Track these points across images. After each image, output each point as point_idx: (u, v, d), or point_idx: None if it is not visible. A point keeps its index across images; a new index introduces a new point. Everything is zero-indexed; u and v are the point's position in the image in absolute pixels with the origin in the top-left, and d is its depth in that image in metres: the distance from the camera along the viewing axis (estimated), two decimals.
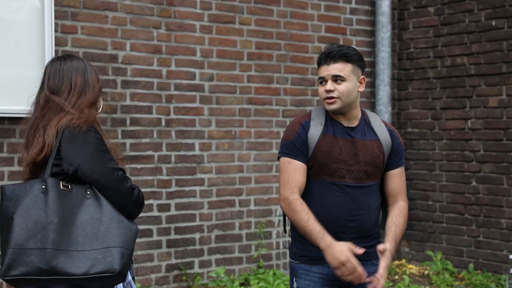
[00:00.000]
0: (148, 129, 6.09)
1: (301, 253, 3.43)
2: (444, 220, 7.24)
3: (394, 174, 3.50)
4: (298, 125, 3.42)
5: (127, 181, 2.91)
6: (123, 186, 2.88)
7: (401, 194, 3.51)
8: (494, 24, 6.85)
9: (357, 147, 3.40)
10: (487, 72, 6.90)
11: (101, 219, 2.81)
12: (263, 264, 6.61)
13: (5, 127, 5.41)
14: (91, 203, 2.83)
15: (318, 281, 3.39)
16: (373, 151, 3.42)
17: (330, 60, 3.35)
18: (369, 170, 3.41)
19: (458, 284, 6.74)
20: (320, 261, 3.35)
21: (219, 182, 6.46)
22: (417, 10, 7.46)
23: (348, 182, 3.37)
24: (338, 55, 3.34)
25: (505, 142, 6.79)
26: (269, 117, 6.74)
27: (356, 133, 3.43)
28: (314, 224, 3.28)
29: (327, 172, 3.37)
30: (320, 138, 3.37)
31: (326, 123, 3.42)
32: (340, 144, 3.38)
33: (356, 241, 3.36)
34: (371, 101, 7.43)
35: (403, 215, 3.48)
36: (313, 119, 3.43)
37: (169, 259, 6.20)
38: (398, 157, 3.50)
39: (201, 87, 6.36)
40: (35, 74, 5.48)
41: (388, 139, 3.47)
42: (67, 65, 3.06)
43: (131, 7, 6.00)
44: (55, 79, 3.05)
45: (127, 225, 2.84)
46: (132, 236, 2.84)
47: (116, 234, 2.80)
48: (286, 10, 6.84)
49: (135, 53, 6.01)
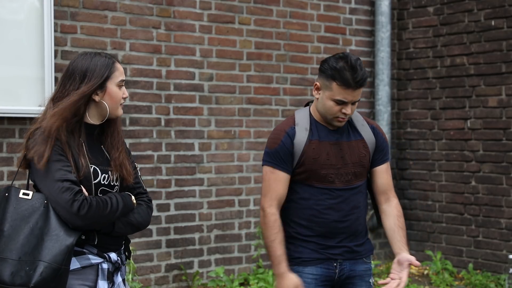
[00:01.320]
0: (147, 129, 6.09)
1: (293, 255, 3.42)
2: (444, 220, 7.25)
3: (380, 170, 3.49)
4: (282, 133, 3.37)
5: (69, 192, 2.82)
6: (62, 198, 2.82)
7: (391, 190, 3.52)
8: (493, 24, 6.85)
9: (344, 150, 3.39)
10: (487, 72, 6.90)
11: (43, 230, 2.82)
12: (262, 264, 6.61)
13: (4, 127, 5.41)
14: (42, 213, 2.84)
15: (311, 282, 3.39)
16: (360, 151, 3.42)
17: (358, 86, 3.27)
18: (357, 171, 3.41)
19: (457, 284, 6.74)
20: (313, 262, 3.38)
21: (218, 182, 6.46)
22: (417, 10, 7.47)
23: (338, 186, 3.37)
24: (366, 80, 3.29)
25: (504, 142, 6.79)
26: (268, 117, 6.74)
27: (341, 135, 3.41)
28: (278, 246, 3.31)
29: (317, 178, 3.36)
30: (306, 145, 3.35)
31: (311, 127, 3.39)
32: (327, 149, 3.37)
33: (346, 241, 3.40)
34: (370, 101, 7.43)
35: (401, 215, 3.50)
36: (297, 124, 3.39)
37: (168, 259, 6.20)
38: (383, 153, 3.49)
39: (200, 87, 6.36)
40: (35, 74, 5.49)
41: (371, 137, 3.47)
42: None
43: (131, 7, 6.00)
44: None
45: (61, 239, 2.82)
46: (63, 250, 2.80)
47: (47, 247, 2.80)
48: (286, 10, 6.84)
49: (135, 53, 6.02)
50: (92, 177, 2.94)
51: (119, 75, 3.02)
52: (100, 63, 2.98)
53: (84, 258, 2.92)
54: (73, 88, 2.94)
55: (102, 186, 2.98)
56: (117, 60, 3.06)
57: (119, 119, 3.11)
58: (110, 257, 2.99)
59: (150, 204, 3.15)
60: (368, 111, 7.41)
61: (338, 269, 3.41)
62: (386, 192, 3.51)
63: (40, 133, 2.89)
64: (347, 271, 3.42)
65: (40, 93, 5.38)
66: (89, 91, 2.94)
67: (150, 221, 3.15)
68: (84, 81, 2.94)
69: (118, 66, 3.03)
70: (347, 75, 3.24)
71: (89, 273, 2.94)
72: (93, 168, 2.95)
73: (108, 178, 3.00)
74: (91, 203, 2.86)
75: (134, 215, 3.05)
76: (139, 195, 3.13)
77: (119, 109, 3.04)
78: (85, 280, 2.93)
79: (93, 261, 2.94)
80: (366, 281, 3.48)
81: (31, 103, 5.33)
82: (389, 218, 3.49)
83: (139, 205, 3.09)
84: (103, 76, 2.96)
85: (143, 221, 3.08)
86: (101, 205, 2.89)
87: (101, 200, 2.91)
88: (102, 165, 2.99)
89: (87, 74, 2.95)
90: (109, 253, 3.00)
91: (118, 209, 2.95)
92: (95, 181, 2.95)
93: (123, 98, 3.04)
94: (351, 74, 3.24)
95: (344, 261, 3.41)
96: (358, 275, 3.45)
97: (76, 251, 2.89)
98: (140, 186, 3.15)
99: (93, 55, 3.01)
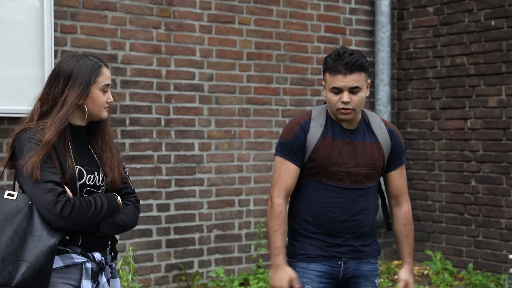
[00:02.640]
0: (147, 129, 6.09)
1: (298, 251, 3.44)
2: (444, 220, 7.25)
3: (395, 175, 3.50)
4: (297, 126, 3.40)
5: (52, 193, 2.82)
6: (45, 199, 2.82)
7: (403, 194, 3.53)
8: (493, 24, 6.85)
9: (357, 150, 3.39)
10: (487, 72, 6.90)
11: (27, 231, 2.82)
12: (262, 264, 6.61)
13: (4, 127, 5.41)
14: (26, 213, 2.84)
15: (315, 279, 3.40)
16: (373, 154, 3.42)
17: (347, 70, 3.28)
18: (369, 173, 3.41)
19: (457, 284, 6.74)
20: (317, 259, 3.39)
21: (218, 182, 6.46)
22: (417, 10, 7.47)
23: (347, 185, 3.37)
24: (356, 65, 3.28)
25: (504, 142, 6.79)
26: (268, 117, 6.74)
27: (355, 135, 3.42)
28: (279, 238, 3.34)
29: (326, 174, 3.37)
30: (319, 141, 3.36)
31: (326, 124, 3.40)
32: (339, 147, 3.37)
33: (352, 240, 3.41)
34: (370, 101, 7.43)
35: (410, 222, 3.54)
36: (313, 119, 3.41)
37: (168, 259, 6.20)
38: (398, 157, 3.50)
39: (200, 87, 6.36)
40: (35, 74, 5.49)
41: (388, 140, 3.46)
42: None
43: (131, 7, 6.00)
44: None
45: (44, 239, 2.82)
46: (45, 250, 2.81)
47: (29, 247, 2.81)
48: (286, 10, 6.84)
49: (135, 53, 6.02)
50: (78, 178, 2.94)
51: (104, 80, 3.00)
52: (86, 66, 2.96)
53: (67, 257, 2.92)
54: (57, 91, 2.95)
55: (88, 187, 2.97)
56: (104, 64, 3.04)
57: (108, 120, 3.11)
58: (94, 256, 2.99)
59: (138, 204, 3.15)
60: None
61: (342, 268, 3.41)
62: (398, 196, 3.53)
63: (34, 140, 2.88)
64: (351, 270, 3.43)
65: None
66: (78, 100, 2.94)
67: (137, 221, 3.14)
68: (69, 84, 2.94)
69: (104, 71, 3.00)
70: (335, 62, 3.30)
71: (72, 272, 2.94)
72: (78, 169, 2.95)
73: (94, 179, 3.00)
74: (74, 204, 2.86)
75: (120, 216, 3.04)
76: (126, 195, 3.12)
77: (103, 112, 3.02)
78: (69, 279, 2.93)
79: (76, 260, 2.94)
80: (371, 282, 3.48)
81: (31, 103, 5.32)
82: (396, 225, 3.55)
83: (125, 205, 3.08)
84: (86, 81, 2.95)
85: (129, 221, 3.08)
86: (84, 206, 2.89)
87: (84, 201, 2.90)
88: (88, 166, 2.99)
89: (71, 77, 2.94)
90: (93, 252, 3.00)
91: (103, 210, 2.95)
92: (80, 182, 2.95)
93: (107, 102, 3.02)
94: (339, 60, 3.29)
95: (349, 260, 3.41)
96: (363, 275, 3.45)
97: (60, 250, 2.90)
98: (128, 186, 3.14)
99: (80, 57, 3.00)
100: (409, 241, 3.51)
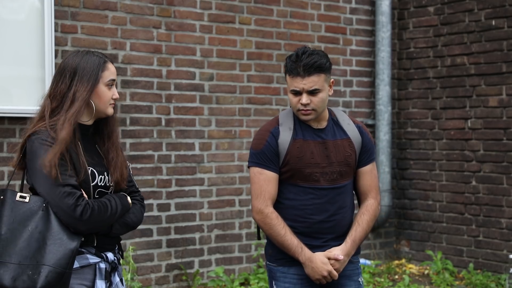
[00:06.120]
0: (148, 129, 6.10)
1: (277, 255, 3.41)
2: (444, 220, 7.24)
3: (364, 171, 3.48)
4: (267, 133, 3.36)
5: (71, 197, 2.81)
6: (64, 203, 2.80)
7: (371, 191, 3.49)
8: (494, 24, 6.85)
9: (329, 148, 3.38)
10: (487, 72, 6.90)
11: (45, 234, 2.80)
12: (263, 263, 6.61)
13: (5, 127, 5.41)
14: (42, 216, 2.82)
15: (297, 283, 3.38)
16: (345, 150, 3.40)
17: (305, 73, 3.26)
18: (343, 170, 3.39)
19: (458, 283, 6.74)
20: (297, 262, 3.35)
21: (219, 181, 6.46)
22: (417, 10, 7.46)
23: (323, 185, 3.35)
24: (314, 67, 3.26)
25: (505, 142, 6.79)
26: (269, 117, 6.74)
27: (326, 134, 3.40)
28: (292, 238, 3.30)
29: (301, 177, 3.34)
30: (290, 144, 3.34)
31: (295, 127, 3.38)
32: (311, 148, 3.36)
33: (332, 241, 3.38)
34: (371, 100, 7.43)
35: (368, 213, 3.45)
36: (281, 124, 3.38)
37: (169, 259, 6.21)
38: (368, 154, 3.48)
39: (201, 87, 6.36)
40: (35, 74, 5.49)
41: (358, 136, 3.45)
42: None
43: (131, 7, 6.00)
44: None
45: (65, 243, 2.80)
46: (67, 254, 2.79)
47: (50, 251, 2.79)
48: (286, 9, 6.85)
49: (135, 52, 6.02)
50: (91, 179, 2.93)
51: (109, 75, 2.98)
52: (91, 61, 2.95)
53: (82, 258, 2.92)
54: (64, 86, 2.93)
55: (99, 188, 2.97)
56: (110, 60, 3.03)
57: (116, 120, 3.10)
58: (107, 256, 3.00)
59: (143, 202, 3.16)
60: (368, 111, 7.41)
61: None
62: (366, 192, 3.50)
63: (47, 142, 2.85)
64: None
65: (41, 93, 5.36)
66: (88, 95, 2.92)
67: (142, 219, 3.15)
68: (75, 79, 2.93)
69: (109, 66, 2.99)
70: (293, 64, 3.29)
71: (87, 272, 2.94)
72: (90, 170, 2.94)
73: (104, 179, 2.99)
74: (93, 208, 2.86)
75: (129, 216, 3.05)
76: (132, 193, 3.12)
77: (109, 108, 3.01)
78: (83, 280, 2.93)
79: (91, 260, 2.94)
80: (354, 281, 3.46)
81: (31, 103, 5.29)
82: (355, 216, 3.48)
83: (133, 205, 3.09)
84: (93, 76, 2.93)
85: (137, 220, 3.09)
86: (102, 209, 2.89)
87: (102, 204, 2.90)
88: (98, 166, 2.98)
89: (77, 72, 2.93)
90: (106, 252, 3.00)
91: (117, 212, 2.96)
92: (93, 183, 2.94)
93: (113, 98, 3.01)
94: (296, 62, 3.28)
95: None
96: (346, 275, 3.42)
97: None
98: (133, 184, 3.15)
99: (85, 53, 2.99)
100: (359, 228, 3.41)
